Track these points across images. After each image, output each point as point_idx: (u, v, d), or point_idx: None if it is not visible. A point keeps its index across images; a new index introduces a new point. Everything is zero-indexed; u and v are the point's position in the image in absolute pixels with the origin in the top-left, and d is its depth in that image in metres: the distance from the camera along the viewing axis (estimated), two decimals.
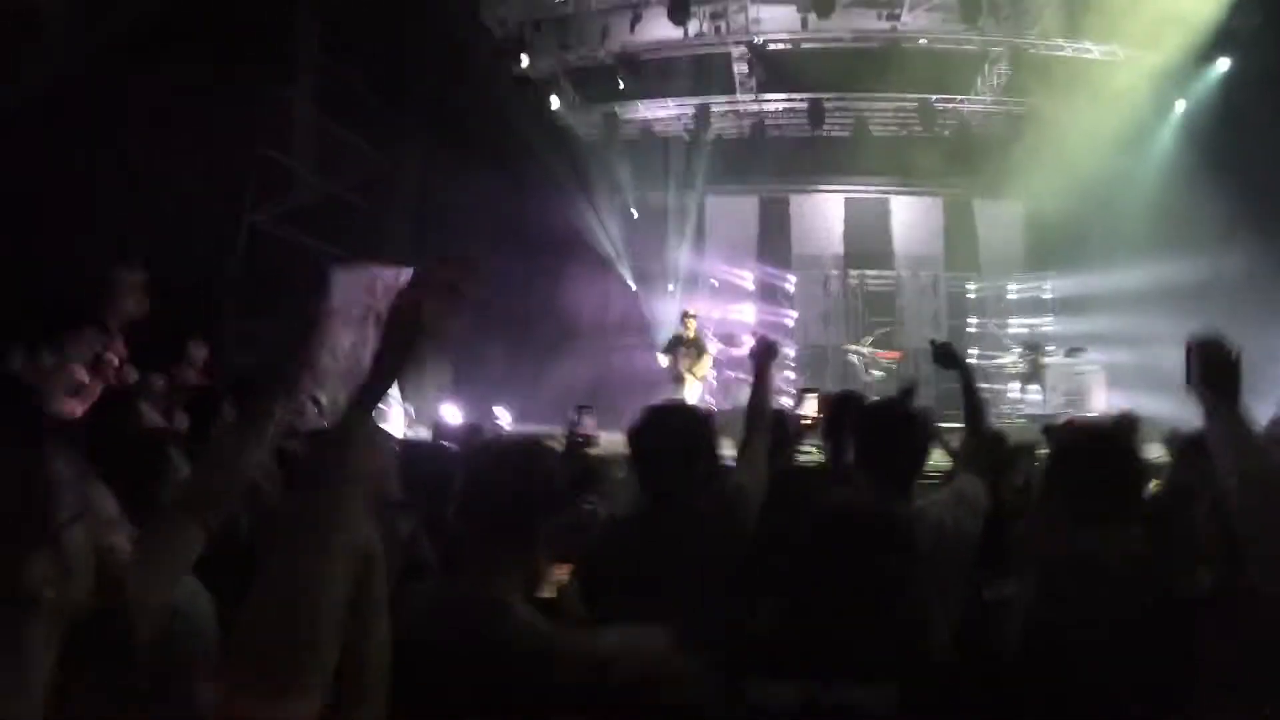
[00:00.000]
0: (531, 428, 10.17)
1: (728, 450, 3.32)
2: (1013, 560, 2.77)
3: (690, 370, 11.28)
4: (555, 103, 14.27)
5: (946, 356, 3.54)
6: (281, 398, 2.09)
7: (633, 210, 15.91)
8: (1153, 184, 12.69)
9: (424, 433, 10.12)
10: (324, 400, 6.75)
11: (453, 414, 12.04)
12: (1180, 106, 13.10)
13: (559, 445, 5.18)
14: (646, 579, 2.49)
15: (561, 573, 3.05)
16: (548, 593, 3.00)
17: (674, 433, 2.82)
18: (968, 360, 3.68)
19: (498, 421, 11.61)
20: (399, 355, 1.79)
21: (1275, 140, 10.17)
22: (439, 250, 12.18)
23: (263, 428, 2.02)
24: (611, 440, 5.78)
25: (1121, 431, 2.67)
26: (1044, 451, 3.90)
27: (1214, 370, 1.87)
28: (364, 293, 11.56)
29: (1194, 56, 12.12)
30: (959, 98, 14.39)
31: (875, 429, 3.08)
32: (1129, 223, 12.55)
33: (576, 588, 2.67)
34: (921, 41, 13.19)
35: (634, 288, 15.85)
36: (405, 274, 8.63)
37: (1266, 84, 10.85)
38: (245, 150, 10.67)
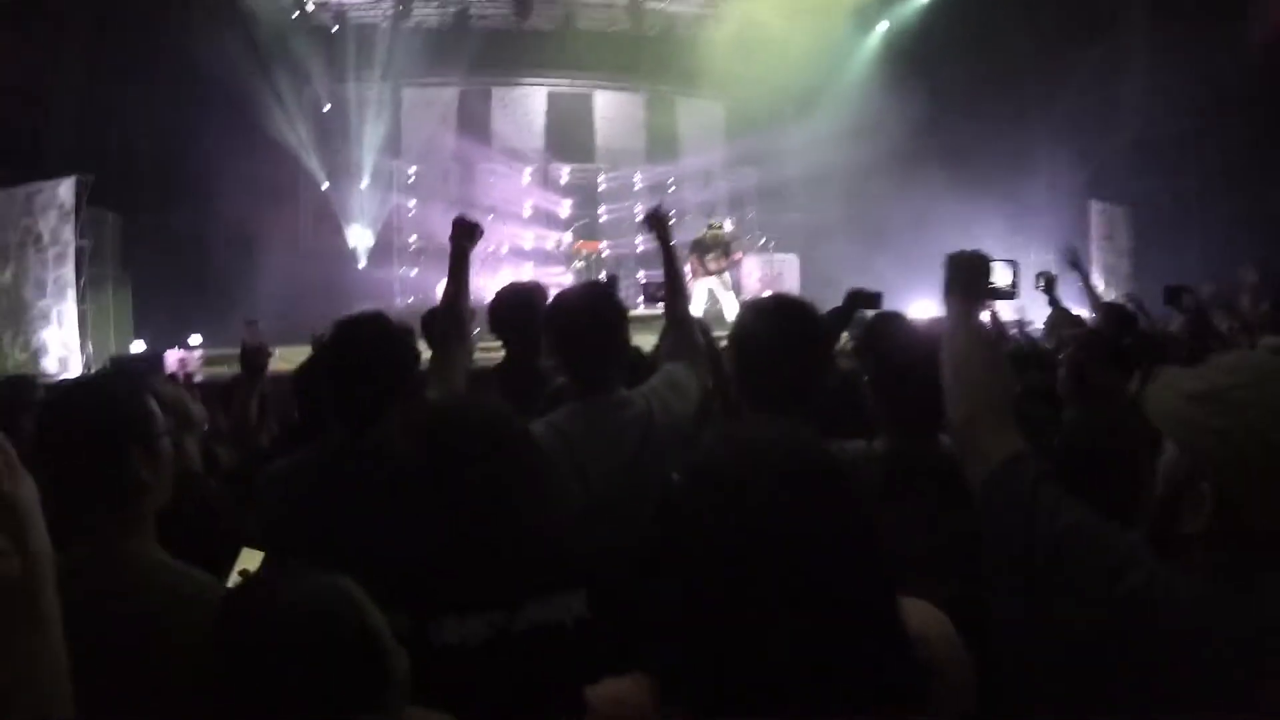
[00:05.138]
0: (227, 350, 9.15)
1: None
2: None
3: (717, 271, 11.87)
4: None
5: (656, 224, 3.23)
6: None
7: (325, 104, 14.52)
8: (848, 91, 13.52)
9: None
10: None
11: (137, 348, 10.68)
12: (883, 26, 13.95)
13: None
14: (333, 533, 2.00)
15: None
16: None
17: (366, 357, 2.32)
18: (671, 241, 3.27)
19: (191, 348, 10.42)
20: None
21: (959, 64, 11.25)
22: (103, 160, 10.55)
23: None
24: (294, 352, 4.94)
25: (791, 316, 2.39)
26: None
27: (958, 277, 1.88)
28: (20, 214, 9.75)
29: None
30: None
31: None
32: (824, 120, 13.39)
33: None
34: None
35: (324, 186, 14.66)
36: (66, 186, 7.38)
37: (960, 18, 12.03)
38: None
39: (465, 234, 2.96)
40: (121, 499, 1.68)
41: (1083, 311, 6.02)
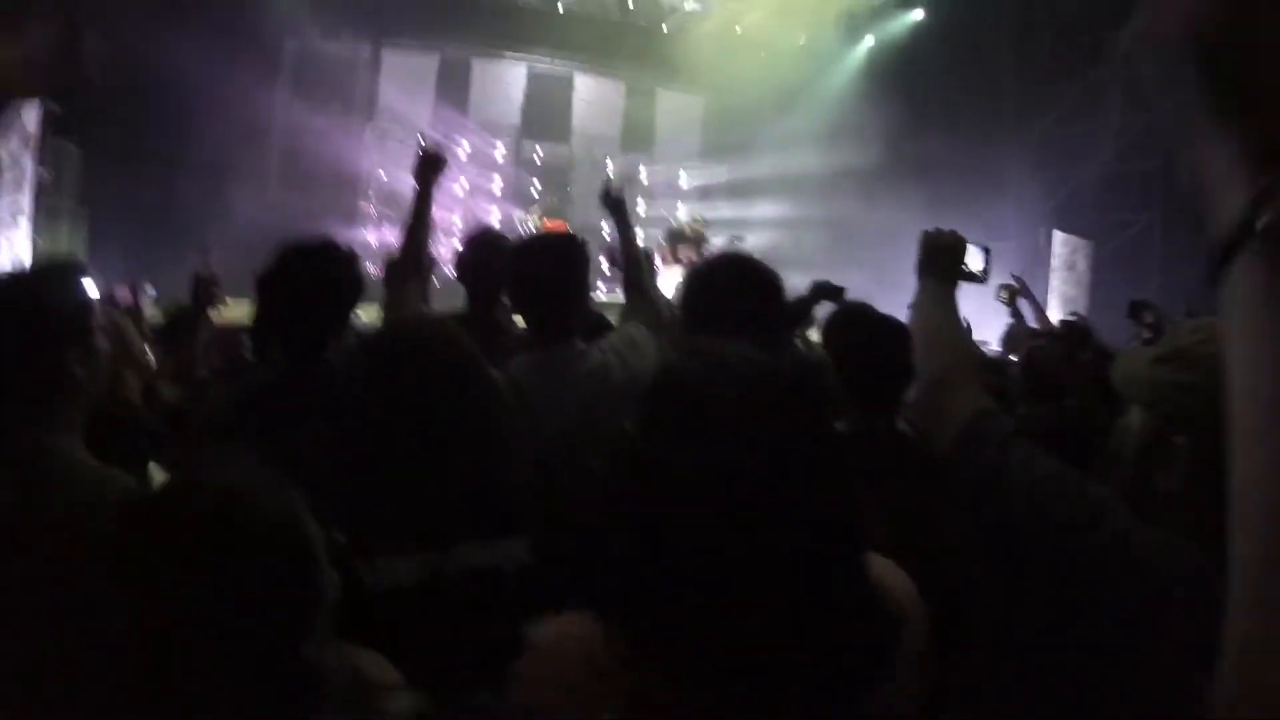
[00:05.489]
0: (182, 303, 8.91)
1: None
2: None
3: (685, 263, 11.23)
4: None
5: (614, 203, 3.18)
6: None
7: (305, 57, 14.22)
8: (828, 99, 13.59)
9: None
10: None
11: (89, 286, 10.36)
12: (869, 41, 14.05)
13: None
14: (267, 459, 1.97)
15: None
16: None
17: (314, 277, 2.26)
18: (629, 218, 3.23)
19: (147, 293, 10.14)
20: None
21: (943, 85, 11.35)
22: (71, 93, 10.23)
23: None
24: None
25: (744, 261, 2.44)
26: None
27: (932, 256, 1.84)
28: None
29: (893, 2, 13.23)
30: None
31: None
32: (801, 124, 13.47)
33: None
34: None
35: (296, 140, 14.38)
36: (30, 111, 7.11)
37: (946, 41, 12.22)
38: None
39: (430, 165, 2.88)
40: (54, 396, 1.62)
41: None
